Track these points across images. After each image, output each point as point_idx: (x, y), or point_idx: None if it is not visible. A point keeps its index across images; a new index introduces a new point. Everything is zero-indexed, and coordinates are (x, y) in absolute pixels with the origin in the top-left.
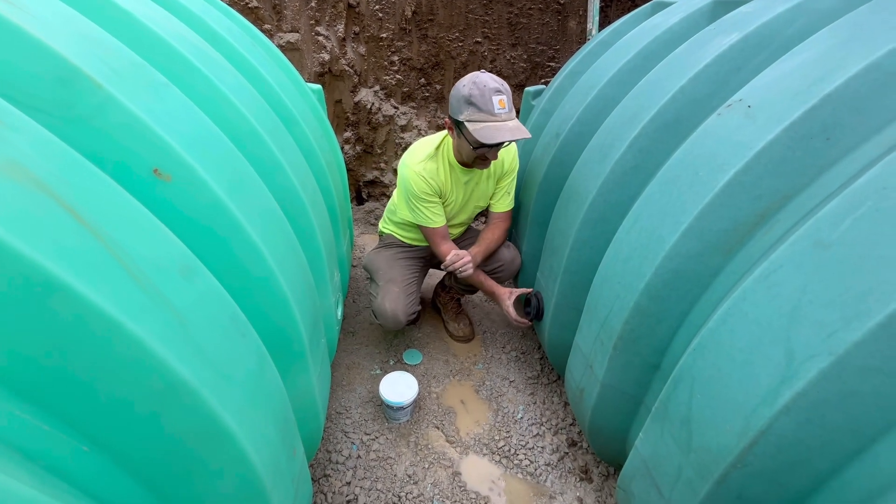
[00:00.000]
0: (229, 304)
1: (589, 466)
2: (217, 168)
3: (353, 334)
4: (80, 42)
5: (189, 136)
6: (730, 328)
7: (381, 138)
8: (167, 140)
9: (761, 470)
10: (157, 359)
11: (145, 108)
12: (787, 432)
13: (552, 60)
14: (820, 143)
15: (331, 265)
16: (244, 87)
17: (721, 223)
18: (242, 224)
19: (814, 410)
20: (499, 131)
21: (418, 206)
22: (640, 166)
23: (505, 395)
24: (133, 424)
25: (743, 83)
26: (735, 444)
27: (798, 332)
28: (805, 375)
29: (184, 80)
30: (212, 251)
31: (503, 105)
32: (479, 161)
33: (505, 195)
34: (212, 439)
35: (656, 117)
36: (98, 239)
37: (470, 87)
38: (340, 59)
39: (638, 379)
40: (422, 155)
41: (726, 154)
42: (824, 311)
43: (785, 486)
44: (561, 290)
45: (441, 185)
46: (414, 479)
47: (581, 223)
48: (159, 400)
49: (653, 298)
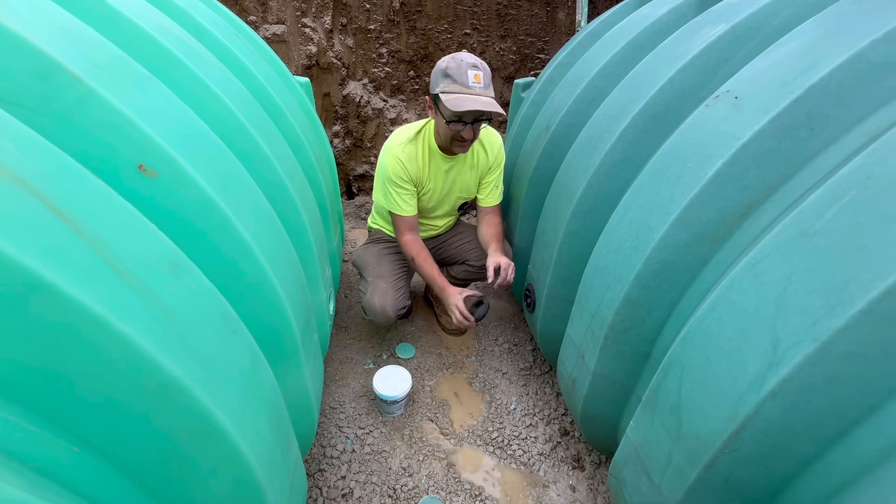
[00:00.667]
0: (220, 301)
1: (581, 455)
2: (204, 163)
3: (346, 329)
4: (59, 35)
5: (174, 131)
6: (717, 317)
7: (370, 132)
8: (152, 135)
9: (748, 454)
10: (148, 358)
11: (128, 102)
12: (773, 417)
13: (541, 52)
14: (805, 133)
15: (322, 260)
16: (230, 81)
17: (709, 213)
18: (232, 220)
19: (799, 395)
20: (471, 101)
21: (390, 191)
22: (630, 158)
23: (498, 387)
24: (124, 424)
25: (730, 74)
26: (723, 430)
27: (784, 320)
28: (790, 362)
29: (167, 73)
30: (201, 248)
31: (478, 79)
32: (456, 142)
33: (493, 189)
34: (205, 438)
35: (645, 109)
36: (83, 237)
37: (448, 62)
38: (328, 51)
39: (629, 368)
40: (402, 138)
41: (714, 145)
42: (809, 299)
43: (771, 470)
44: (552, 283)
45: (418, 171)
46: (409, 471)
47: (571, 215)
48: (151, 399)
49: (643, 289)
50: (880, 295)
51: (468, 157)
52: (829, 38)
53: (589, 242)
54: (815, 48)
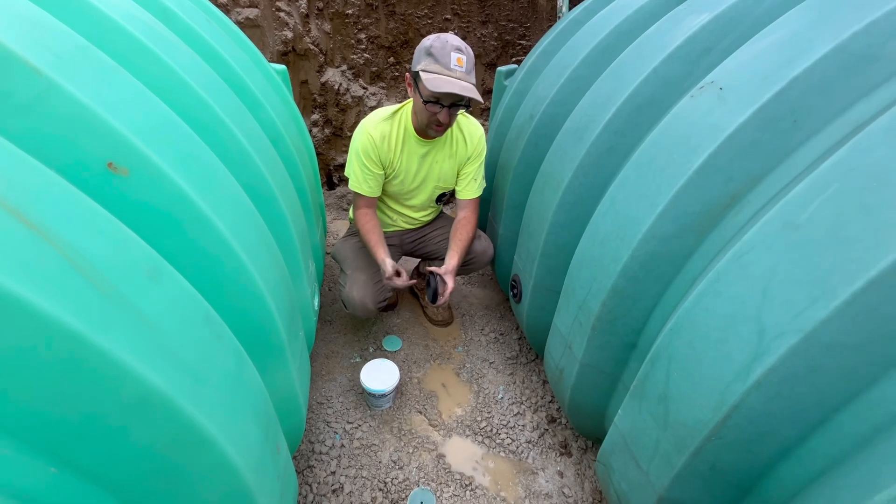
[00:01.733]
0: (201, 304)
1: (568, 441)
2: (178, 158)
3: (331, 323)
4: (16, 24)
5: (145, 125)
6: (704, 307)
7: (350, 120)
8: (120, 130)
9: (733, 441)
10: (127, 369)
11: (94, 95)
12: (758, 405)
13: (523, 38)
14: (787, 125)
15: (305, 255)
16: (203, 69)
17: (695, 205)
18: (210, 217)
19: (783, 385)
20: (450, 84)
21: (355, 166)
22: (615, 148)
23: (485, 377)
24: (105, 440)
25: (714, 64)
26: (710, 419)
27: (769, 311)
28: (776, 352)
29: (135, 63)
30: (179, 249)
31: (461, 63)
32: (431, 125)
33: (472, 181)
34: (192, 447)
35: (630, 99)
36: (52, 245)
37: (433, 40)
38: (304, 36)
39: (616, 358)
40: (378, 116)
41: (699, 136)
42: (793, 290)
43: (755, 455)
44: (539, 274)
45: (390, 150)
46: (399, 464)
47: (557, 206)
48: (132, 412)
49: (629, 280)
50: (864, 286)
51: (446, 145)
52: (812, 28)
53: (575, 233)
54: (798, 39)
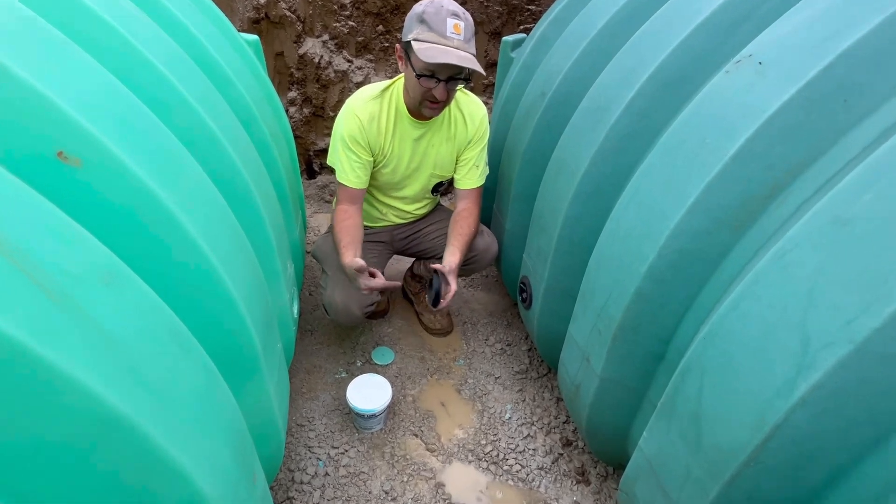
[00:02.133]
0: (166, 313)
1: (586, 467)
2: (138, 146)
3: (312, 333)
4: None
5: (100, 108)
6: (741, 314)
7: (333, 98)
8: (71, 114)
9: (775, 466)
10: (80, 387)
11: (39, 73)
12: (803, 425)
13: (531, 3)
14: (836, 105)
15: (283, 255)
16: (164, 42)
17: (731, 197)
18: (175, 214)
19: (831, 401)
20: (446, 54)
21: (340, 153)
22: (639, 132)
23: (490, 394)
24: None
25: (751, 35)
26: (749, 441)
27: (815, 318)
28: (823, 365)
29: (88, 35)
30: (140, 251)
31: (458, 30)
32: (426, 103)
33: (473, 168)
34: (156, 476)
35: (656, 75)
36: None
37: (426, 5)
38: (279, 1)
39: (641, 371)
40: (365, 94)
41: (735, 118)
42: (843, 295)
43: (800, 482)
44: (551, 275)
45: (379, 134)
46: (392, 494)
47: (573, 198)
48: (86, 437)
49: (656, 282)
50: None
51: (444, 127)
52: None
53: (593, 229)
54: (848, 6)
